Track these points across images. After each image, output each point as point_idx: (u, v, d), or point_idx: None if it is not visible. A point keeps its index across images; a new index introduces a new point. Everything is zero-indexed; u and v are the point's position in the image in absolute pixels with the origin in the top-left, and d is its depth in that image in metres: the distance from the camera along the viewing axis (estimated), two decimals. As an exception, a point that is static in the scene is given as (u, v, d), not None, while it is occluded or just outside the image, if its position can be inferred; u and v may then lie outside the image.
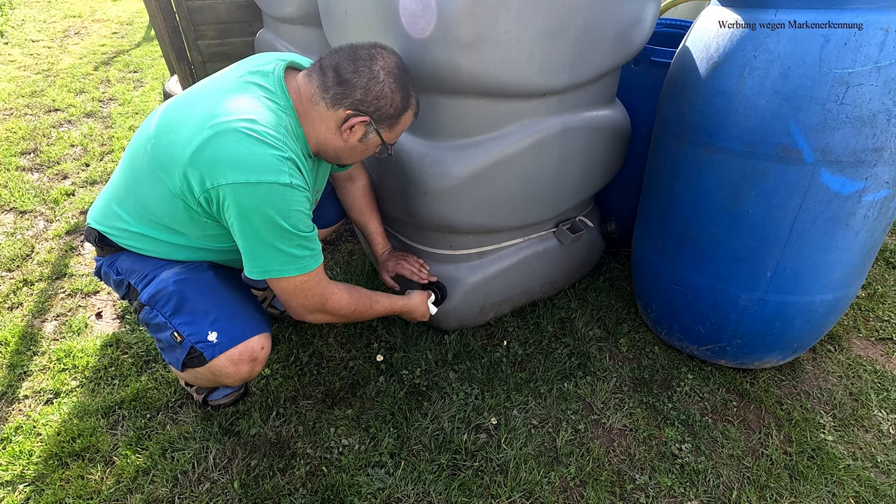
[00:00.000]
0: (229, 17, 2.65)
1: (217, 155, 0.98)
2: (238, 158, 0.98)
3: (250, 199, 0.99)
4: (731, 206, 1.26)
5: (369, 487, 1.24)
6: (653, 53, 1.58)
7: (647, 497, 1.24)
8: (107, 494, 1.22)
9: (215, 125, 0.99)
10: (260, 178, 0.98)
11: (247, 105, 1.03)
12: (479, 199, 1.39)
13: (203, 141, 0.98)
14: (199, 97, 1.09)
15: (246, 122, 1.00)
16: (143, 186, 1.11)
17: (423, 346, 1.61)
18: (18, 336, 1.65)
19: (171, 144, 1.03)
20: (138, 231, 1.16)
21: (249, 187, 0.98)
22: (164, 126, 1.08)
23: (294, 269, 1.10)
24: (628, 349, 1.65)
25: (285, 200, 1.01)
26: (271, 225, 1.02)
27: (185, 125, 1.03)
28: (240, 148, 0.98)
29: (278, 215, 1.01)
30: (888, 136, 1.07)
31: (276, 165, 0.99)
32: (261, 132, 0.99)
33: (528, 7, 1.11)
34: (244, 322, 1.19)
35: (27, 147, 2.83)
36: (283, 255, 1.07)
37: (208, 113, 1.02)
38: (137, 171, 1.12)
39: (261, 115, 1.02)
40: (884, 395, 1.50)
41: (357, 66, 1.05)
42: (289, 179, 1.00)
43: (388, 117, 1.11)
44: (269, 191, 0.99)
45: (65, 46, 4.57)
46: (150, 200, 1.11)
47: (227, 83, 1.09)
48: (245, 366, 1.18)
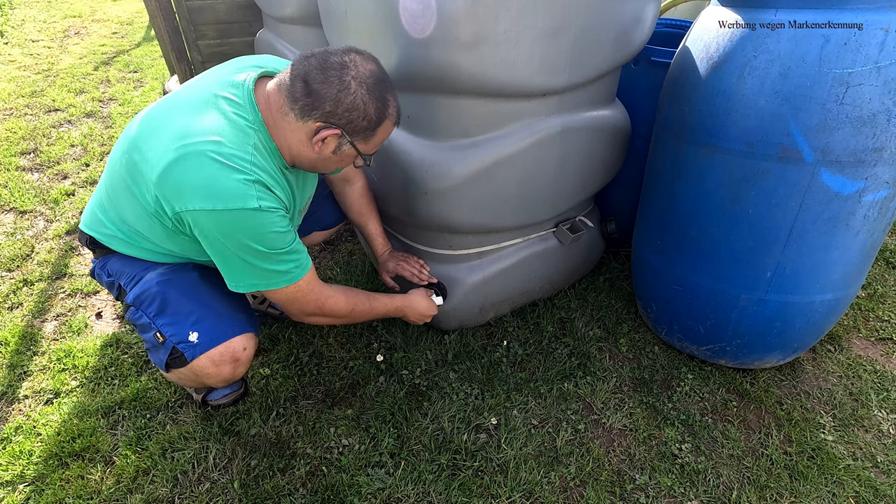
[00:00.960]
0: (229, 17, 2.65)
1: (182, 179, 0.97)
2: (203, 185, 0.96)
3: (220, 227, 0.99)
4: (731, 206, 1.26)
5: (369, 487, 1.24)
6: (653, 53, 1.58)
7: (647, 497, 1.24)
8: (107, 494, 1.22)
9: (180, 147, 0.97)
10: (227, 205, 0.96)
11: (214, 124, 1.00)
12: (479, 199, 1.39)
13: (168, 163, 0.97)
14: (171, 110, 1.06)
15: (212, 144, 0.97)
16: (120, 199, 1.11)
17: (423, 346, 1.61)
18: (18, 336, 1.65)
19: (142, 162, 1.02)
20: (122, 237, 1.16)
21: (217, 214, 0.97)
22: (136, 141, 1.06)
23: (283, 282, 1.10)
24: (628, 349, 1.65)
25: (256, 225, 1.00)
26: (246, 249, 1.02)
27: (154, 144, 1.01)
28: (203, 173, 0.96)
29: (251, 240, 1.01)
30: (888, 136, 1.07)
31: (242, 191, 0.97)
32: (226, 154, 0.97)
33: (528, 7, 1.11)
34: (227, 322, 1.18)
35: (27, 147, 2.83)
36: (266, 273, 1.07)
37: (176, 132, 0.99)
38: (115, 183, 1.12)
39: (227, 135, 0.99)
40: (884, 395, 1.50)
41: (327, 75, 0.98)
42: (257, 203, 0.98)
43: (362, 129, 1.04)
44: (238, 217, 0.97)
45: (65, 46, 4.57)
46: (127, 214, 1.12)
47: (199, 97, 1.06)
48: (227, 367, 1.17)
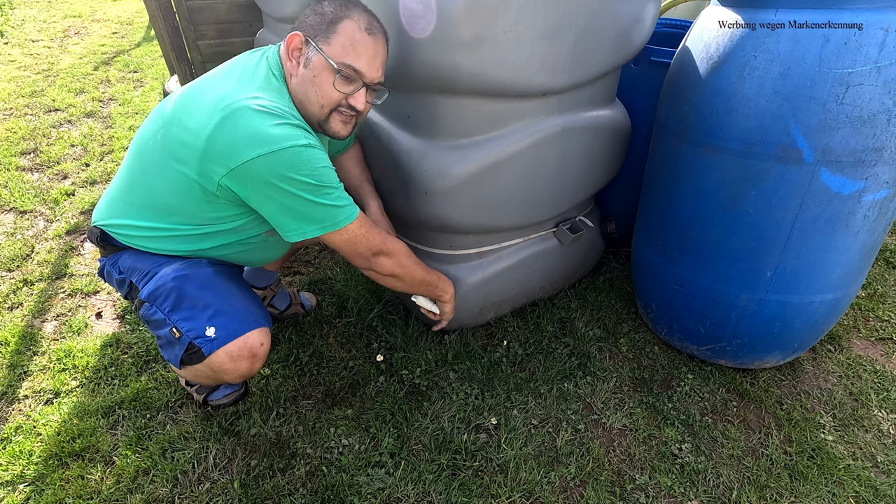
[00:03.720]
0: (229, 17, 2.65)
1: (233, 135, 1.01)
2: (254, 133, 1.00)
3: (276, 168, 1.01)
4: (731, 206, 1.26)
5: (369, 487, 1.24)
6: (653, 53, 1.58)
7: (647, 497, 1.24)
8: (107, 494, 1.22)
9: (225, 108, 1.02)
10: (280, 144, 1.00)
11: (251, 86, 1.06)
12: (479, 199, 1.39)
13: (217, 123, 1.01)
14: (205, 86, 1.11)
15: (253, 99, 1.03)
16: (151, 177, 1.13)
17: (423, 346, 1.61)
18: (18, 336, 1.65)
19: (184, 132, 1.06)
20: (142, 224, 1.17)
21: (272, 157, 1.00)
22: (173, 117, 1.10)
23: (344, 219, 1.12)
24: (628, 349, 1.65)
25: (311, 159, 1.04)
26: (304, 186, 1.04)
27: (195, 112, 1.05)
28: (253, 123, 1.00)
29: (307, 176, 1.04)
30: (888, 136, 1.07)
31: (290, 132, 1.02)
32: (268, 106, 1.03)
33: (528, 7, 1.11)
34: (243, 316, 1.19)
35: (27, 147, 2.83)
36: (328, 209, 1.10)
37: (216, 98, 1.04)
38: (146, 162, 1.14)
39: (265, 93, 1.05)
40: (884, 395, 1.50)
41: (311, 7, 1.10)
42: (306, 141, 1.03)
43: (319, 25, 1.07)
44: (292, 155, 1.01)
45: (65, 46, 4.57)
46: (159, 189, 1.13)
47: (230, 71, 1.13)
48: (244, 362, 1.17)
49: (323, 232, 1.11)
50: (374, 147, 1.49)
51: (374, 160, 1.53)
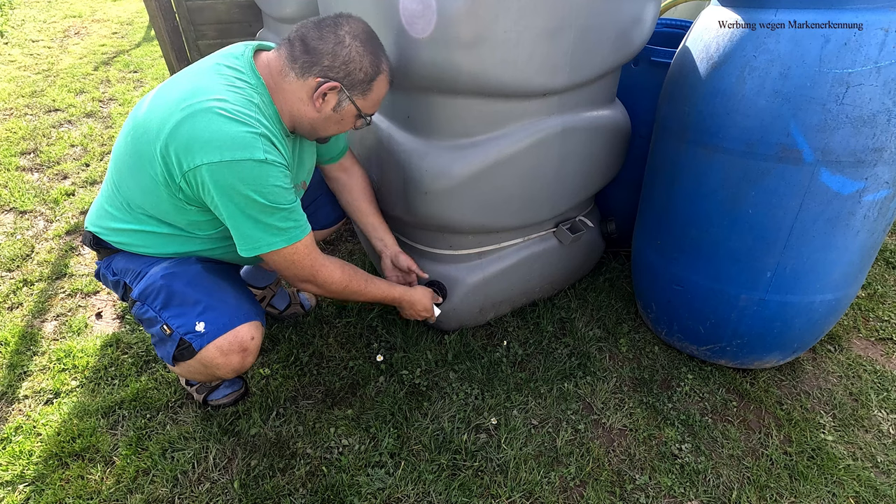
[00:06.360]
0: (229, 17, 2.65)
1: (191, 135, 0.99)
2: (211, 137, 0.99)
3: (227, 178, 1.01)
4: (731, 206, 1.26)
5: (369, 487, 1.24)
6: (653, 53, 1.58)
7: (647, 497, 1.24)
8: (107, 494, 1.22)
9: (186, 107, 1.00)
10: (234, 155, 0.99)
11: (217, 86, 1.04)
12: (479, 199, 1.39)
13: (176, 122, 1.00)
14: (171, 86, 1.10)
15: (217, 101, 1.01)
16: (126, 179, 1.13)
17: (423, 346, 1.61)
18: (18, 336, 1.65)
19: (147, 132, 1.05)
20: (128, 227, 1.17)
21: (224, 166, 0.99)
22: (140, 118, 1.09)
23: (281, 241, 1.11)
24: (628, 349, 1.65)
25: (261, 176, 1.02)
26: (250, 202, 1.04)
27: (158, 111, 1.04)
28: (212, 126, 0.99)
29: (255, 192, 1.03)
30: (888, 136, 1.07)
31: (249, 142, 1.00)
32: (231, 110, 1.00)
33: (528, 7, 1.11)
34: (233, 311, 1.18)
35: (27, 147, 2.83)
36: (267, 229, 1.09)
37: (180, 96, 1.03)
38: (121, 165, 1.13)
39: (231, 95, 1.03)
40: (884, 395, 1.50)
41: (322, 32, 1.06)
42: (263, 155, 1.01)
43: (360, 82, 1.10)
44: (244, 168, 1.00)
45: (65, 46, 4.57)
46: (134, 192, 1.13)
47: (198, 70, 1.11)
48: (235, 356, 1.17)
49: (258, 251, 1.11)
50: (374, 147, 1.49)
51: (374, 160, 1.53)
